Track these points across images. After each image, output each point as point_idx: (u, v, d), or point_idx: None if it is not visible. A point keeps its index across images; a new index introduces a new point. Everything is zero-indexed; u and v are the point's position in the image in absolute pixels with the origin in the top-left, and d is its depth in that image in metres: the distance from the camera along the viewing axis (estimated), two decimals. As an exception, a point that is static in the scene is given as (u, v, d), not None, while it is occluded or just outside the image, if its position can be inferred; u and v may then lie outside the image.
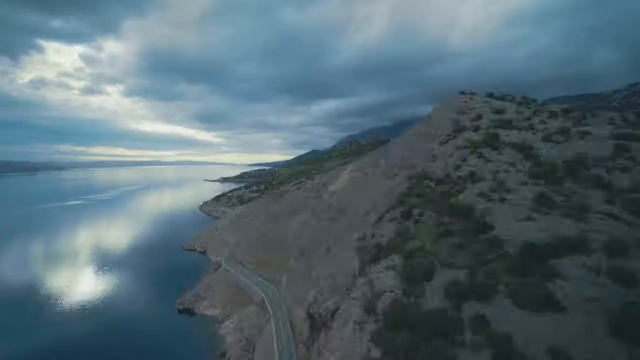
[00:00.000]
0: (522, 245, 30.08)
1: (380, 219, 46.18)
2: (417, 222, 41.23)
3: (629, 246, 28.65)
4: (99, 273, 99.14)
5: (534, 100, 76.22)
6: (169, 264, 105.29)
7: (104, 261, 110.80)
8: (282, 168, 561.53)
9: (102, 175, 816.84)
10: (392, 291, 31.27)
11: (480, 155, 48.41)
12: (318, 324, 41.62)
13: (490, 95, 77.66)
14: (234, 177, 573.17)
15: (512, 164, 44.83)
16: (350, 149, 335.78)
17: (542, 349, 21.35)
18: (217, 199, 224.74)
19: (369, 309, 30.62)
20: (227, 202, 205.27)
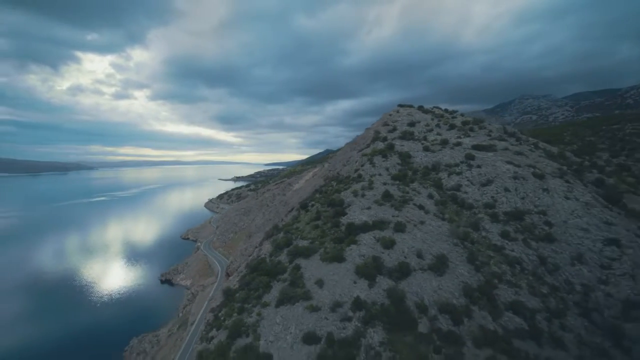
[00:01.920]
0: (349, 224, 44.20)
1: (291, 210, 60.73)
2: (307, 211, 55.75)
3: (405, 224, 42.17)
4: (109, 255, 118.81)
5: (454, 111, 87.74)
6: (165, 249, 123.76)
7: (115, 247, 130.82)
8: (294, 167, 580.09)
9: (128, 175, 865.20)
10: (265, 255, 46.24)
11: (371, 162, 62.09)
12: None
13: (420, 107, 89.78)
14: (247, 177, 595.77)
15: (387, 169, 58.32)
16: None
17: (315, 279, 35.69)
18: (220, 197, 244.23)
19: (249, 265, 45.76)
20: (227, 200, 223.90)
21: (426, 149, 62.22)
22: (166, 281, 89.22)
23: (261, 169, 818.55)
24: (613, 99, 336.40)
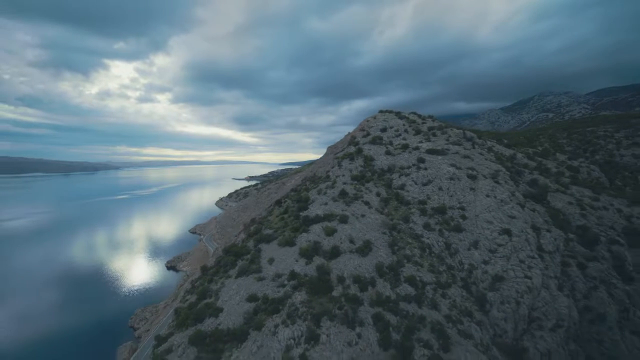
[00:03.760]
0: (305, 217, 52.87)
1: (270, 206, 69.94)
2: (280, 206, 64.84)
3: (348, 216, 50.32)
4: (126, 246, 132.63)
5: (430, 117, 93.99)
6: (173, 242, 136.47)
7: (130, 239, 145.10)
8: (305, 167, 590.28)
9: (151, 174, 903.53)
10: (239, 241, 55.67)
11: (340, 165, 70.34)
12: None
13: (397, 113, 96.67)
14: (259, 176, 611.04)
15: (351, 171, 66.47)
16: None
17: (268, 258, 44.63)
18: (230, 195, 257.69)
19: (224, 249, 55.38)
20: (235, 198, 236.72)
21: (388, 152, 69.87)
22: (171, 267, 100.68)
23: (275, 168, 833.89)
24: (638, 95, 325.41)
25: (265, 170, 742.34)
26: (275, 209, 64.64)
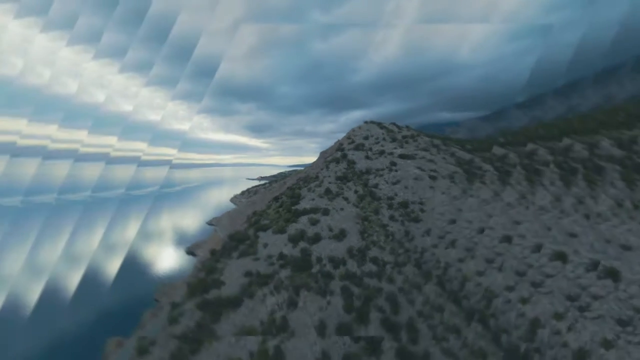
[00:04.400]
0: (295, 210, 56.12)
1: (270, 201, 73.36)
2: (277, 201, 68.11)
3: (330, 210, 53.46)
4: (156, 235, 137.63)
5: (406, 127, 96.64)
6: (193, 231, 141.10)
7: (159, 229, 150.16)
8: (307, 168, 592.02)
9: (176, 174, 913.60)
10: (242, 229, 58.99)
11: (327, 167, 73.50)
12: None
13: (379, 124, 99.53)
14: (269, 176, 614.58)
15: (335, 172, 69.62)
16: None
17: (263, 243, 47.97)
18: (242, 193, 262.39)
19: (229, 236, 58.77)
20: (247, 195, 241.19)
21: (367, 157, 72.90)
22: (190, 253, 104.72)
23: (284, 170, 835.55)
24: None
25: (275, 172, 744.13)
26: (273, 203, 67.91)
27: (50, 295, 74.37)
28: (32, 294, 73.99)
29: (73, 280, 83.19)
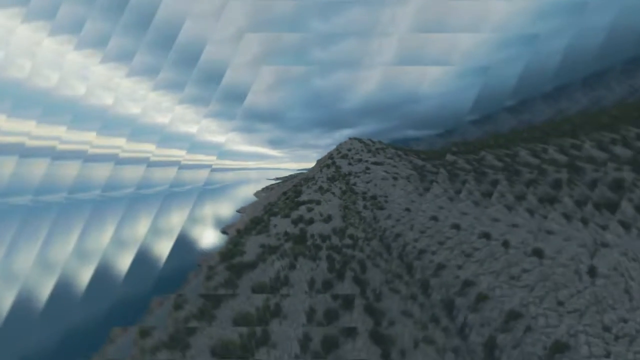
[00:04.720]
0: (297, 201, 57.60)
1: (279, 196, 74.99)
2: (285, 195, 69.58)
3: (321, 201, 54.99)
4: (201, 220, 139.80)
5: (379, 141, 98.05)
6: (227, 217, 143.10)
7: (202, 215, 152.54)
8: (309, 172, 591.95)
9: (215, 176, 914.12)
10: (259, 215, 60.47)
11: (321, 171, 74.98)
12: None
13: (359, 140, 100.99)
14: (282, 177, 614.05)
15: (327, 175, 71.09)
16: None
17: (273, 224, 49.62)
18: (263, 189, 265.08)
19: (250, 220, 60.22)
20: (266, 191, 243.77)
21: (349, 163, 74.46)
22: (224, 232, 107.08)
23: (293, 172, 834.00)
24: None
25: (286, 174, 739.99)
26: (282, 197, 69.35)
27: (62, 290, 59.11)
28: (44, 289, 58.74)
29: (85, 275, 70.84)
